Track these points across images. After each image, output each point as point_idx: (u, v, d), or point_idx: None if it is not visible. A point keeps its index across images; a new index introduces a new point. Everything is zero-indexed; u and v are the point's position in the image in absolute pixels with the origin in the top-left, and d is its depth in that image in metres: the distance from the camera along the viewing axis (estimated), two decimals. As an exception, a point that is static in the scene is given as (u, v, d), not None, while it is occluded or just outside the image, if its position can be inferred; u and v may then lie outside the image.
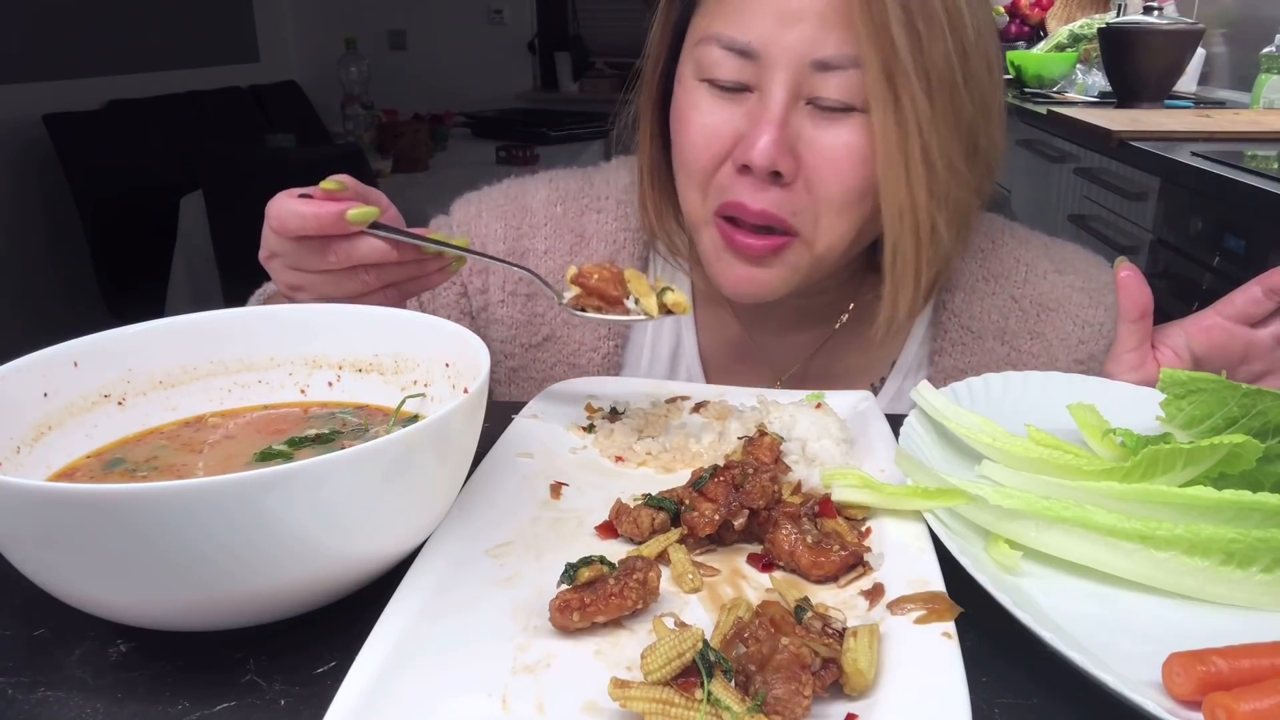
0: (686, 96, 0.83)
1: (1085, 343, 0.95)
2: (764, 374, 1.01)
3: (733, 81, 0.79)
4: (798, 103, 0.78)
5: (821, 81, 0.77)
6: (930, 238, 0.80)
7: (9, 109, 3.94)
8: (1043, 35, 3.81)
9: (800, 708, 0.45)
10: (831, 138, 0.78)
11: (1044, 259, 0.97)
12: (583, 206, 1.00)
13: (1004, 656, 0.52)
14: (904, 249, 0.80)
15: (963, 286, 0.95)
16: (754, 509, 0.62)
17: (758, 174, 0.78)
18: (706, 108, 0.81)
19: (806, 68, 0.76)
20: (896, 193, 0.77)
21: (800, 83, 0.77)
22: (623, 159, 1.02)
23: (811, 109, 0.78)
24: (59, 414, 0.64)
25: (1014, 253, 0.97)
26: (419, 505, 0.57)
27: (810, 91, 0.77)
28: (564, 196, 1.01)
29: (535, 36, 5.90)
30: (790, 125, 0.78)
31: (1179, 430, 0.69)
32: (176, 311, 0.72)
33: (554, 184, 1.02)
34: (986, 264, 0.96)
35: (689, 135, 0.82)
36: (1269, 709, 0.44)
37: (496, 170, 3.55)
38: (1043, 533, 0.58)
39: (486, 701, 0.47)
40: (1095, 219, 2.45)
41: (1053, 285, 0.95)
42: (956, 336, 0.95)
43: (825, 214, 0.80)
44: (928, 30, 0.74)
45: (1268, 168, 1.82)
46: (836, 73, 0.76)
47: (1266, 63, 2.61)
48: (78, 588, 0.50)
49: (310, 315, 0.73)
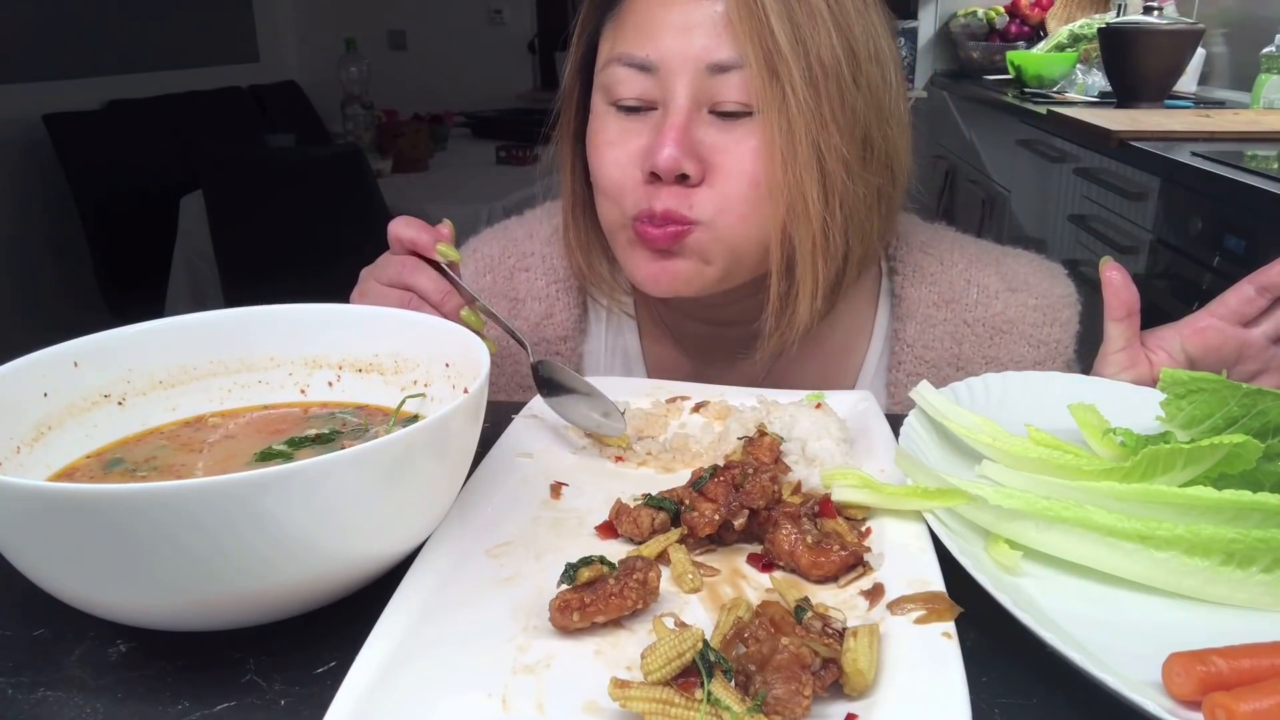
0: (598, 123, 0.86)
1: (1041, 363, 0.95)
2: None
3: (637, 99, 0.83)
4: (700, 110, 0.81)
5: (719, 85, 0.80)
6: (823, 235, 0.81)
7: (9, 109, 3.94)
8: (1043, 35, 3.81)
9: (800, 708, 0.45)
10: (731, 139, 0.81)
11: (995, 278, 0.97)
12: (509, 269, 1.02)
13: (1004, 656, 0.52)
14: (801, 241, 0.81)
15: (915, 316, 0.96)
16: (754, 509, 0.62)
17: (665, 178, 0.80)
18: (616, 129, 0.84)
19: (703, 73, 0.80)
20: (786, 187, 0.79)
21: (700, 89, 0.80)
22: (543, 206, 1.05)
23: (713, 116, 0.81)
24: (59, 414, 0.64)
25: (964, 274, 0.96)
26: (419, 505, 0.57)
27: (710, 97, 0.80)
28: (490, 266, 1.02)
29: (535, 36, 5.90)
30: (694, 133, 0.81)
31: (1179, 430, 0.69)
32: (176, 311, 0.72)
33: (476, 257, 1.03)
34: (937, 288, 0.96)
35: (602, 158, 0.85)
36: (1269, 709, 0.44)
37: (496, 170, 3.55)
38: (1043, 533, 0.58)
39: (486, 701, 0.47)
40: (1095, 219, 2.45)
41: (1005, 305, 0.95)
42: (912, 368, 0.95)
43: (729, 206, 0.81)
44: (809, 24, 0.77)
45: (1268, 168, 1.82)
46: (731, 74, 0.79)
47: (1266, 63, 2.61)
48: (78, 588, 0.50)
49: (310, 315, 0.73)
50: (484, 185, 3.30)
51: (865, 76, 0.81)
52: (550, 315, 1.00)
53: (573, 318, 1.00)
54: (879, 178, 0.84)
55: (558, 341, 1.00)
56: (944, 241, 1.00)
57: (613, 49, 0.85)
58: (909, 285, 0.96)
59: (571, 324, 1.00)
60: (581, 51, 0.91)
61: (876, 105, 0.82)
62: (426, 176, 3.53)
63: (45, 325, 1.92)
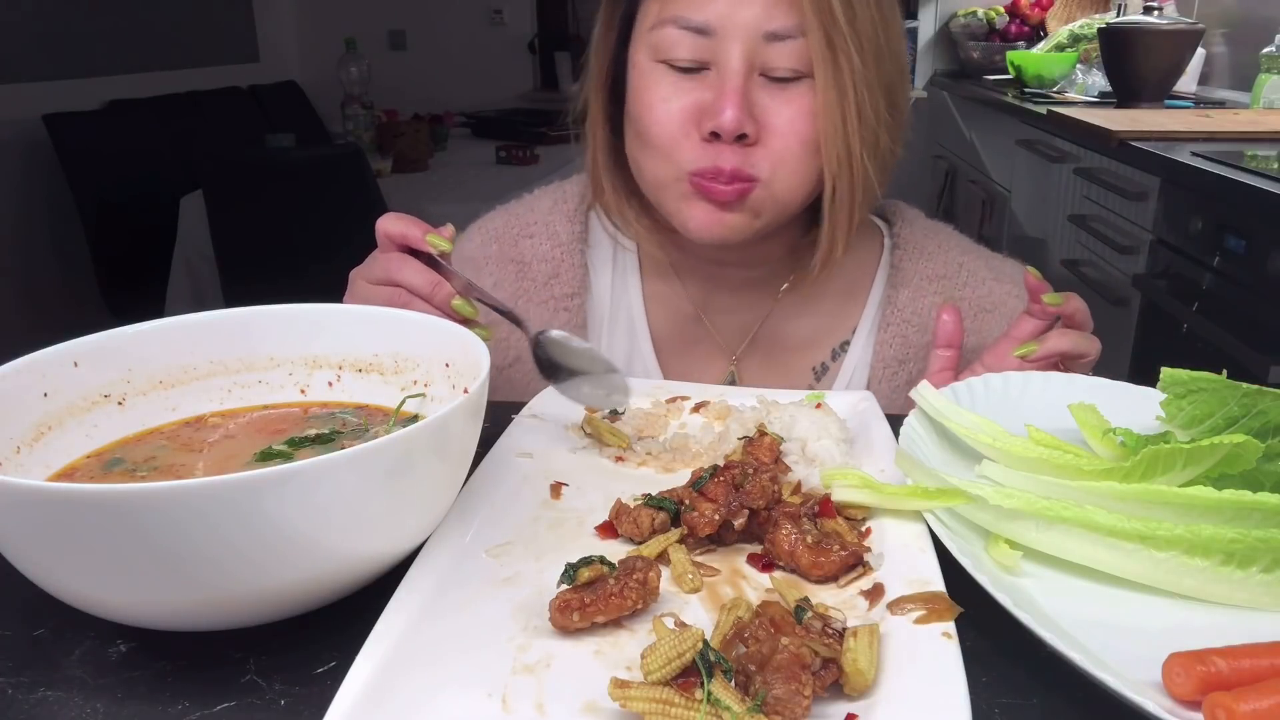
0: (644, 79, 0.90)
1: None
2: (714, 347, 1.07)
3: (690, 60, 0.87)
4: (752, 74, 0.87)
5: (772, 52, 0.86)
6: (863, 180, 0.90)
7: (9, 109, 3.94)
8: (1043, 35, 3.81)
9: (800, 708, 0.45)
10: (784, 103, 0.87)
11: (984, 268, 1.06)
12: (515, 236, 1.08)
13: (1004, 656, 0.52)
14: (841, 193, 0.90)
15: (909, 285, 1.04)
16: (754, 509, 0.62)
17: (726, 138, 0.86)
18: (667, 86, 0.89)
19: (758, 40, 0.85)
20: (836, 144, 0.87)
21: (753, 54, 0.86)
22: (542, 188, 1.13)
23: (764, 80, 0.87)
24: (59, 414, 0.64)
25: (958, 259, 1.06)
26: (419, 505, 0.57)
27: (763, 62, 0.86)
28: (495, 235, 1.09)
29: (535, 36, 5.90)
30: (748, 95, 0.86)
31: (1179, 430, 0.69)
32: (176, 311, 0.72)
33: (482, 229, 1.11)
34: (932, 264, 1.05)
35: (653, 113, 0.89)
36: (1269, 709, 0.44)
37: (496, 170, 3.55)
38: (1043, 533, 0.58)
39: (486, 701, 0.47)
40: (1095, 219, 2.45)
41: (990, 290, 1.04)
42: (899, 330, 1.03)
43: (783, 166, 0.89)
44: (860, 1, 0.85)
45: (1268, 168, 1.82)
46: (785, 42, 0.86)
47: (1266, 63, 2.61)
48: (78, 588, 0.50)
49: (310, 315, 0.73)
50: (484, 185, 3.30)
51: (893, 43, 0.90)
52: (556, 275, 1.06)
53: (577, 276, 1.06)
54: (901, 128, 0.95)
55: (564, 299, 1.05)
56: (942, 232, 1.10)
57: (663, 10, 0.88)
58: (907, 259, 1.05)
59: (577, 282, 1.06)
60: (624, 6, 0.95)
61: (900, 67, 0.92)
62: (426, 176, 3.53)
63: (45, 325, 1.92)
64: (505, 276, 1.06)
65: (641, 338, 1.07)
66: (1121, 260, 2.26)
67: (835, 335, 1.07)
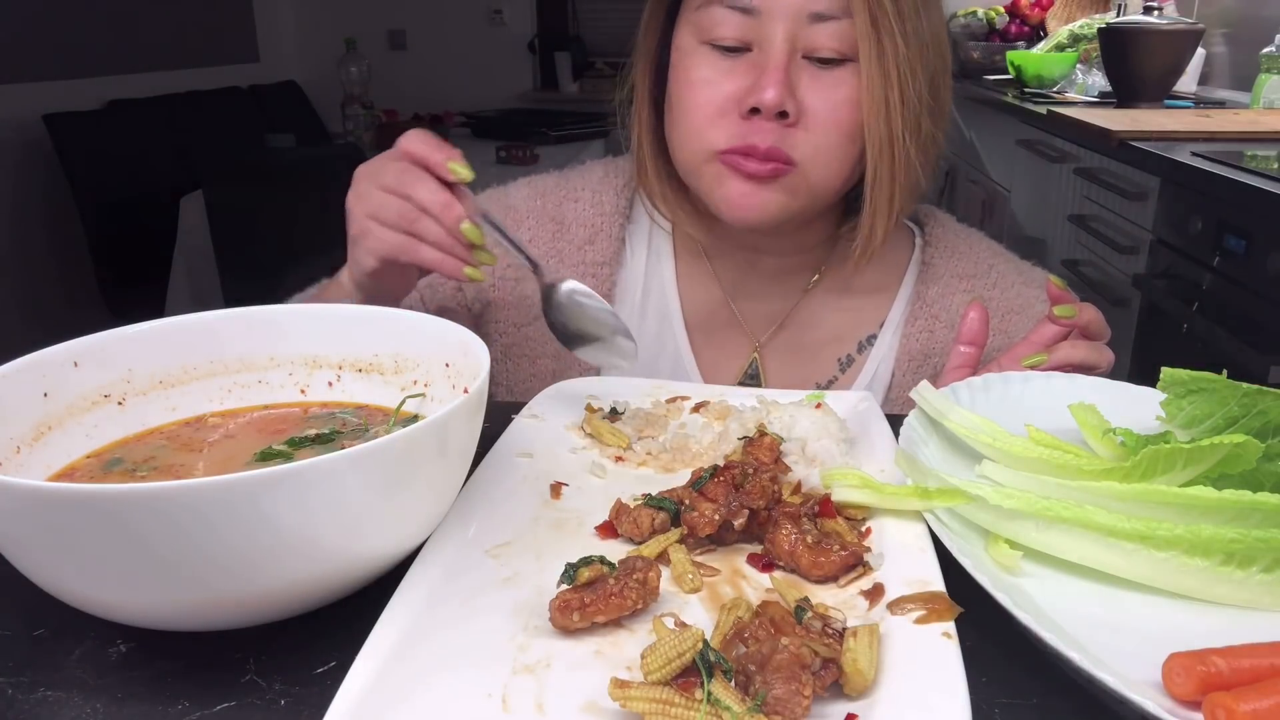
0: (688, 59, 0.91)
1: None
2: (740, 333, 1.07)
3: (735, 40, 0.88)
4: (795, 55, 0.87)
5: (815, 33, 0.86)
6: (905, 166, 0.91)
7: (9, 109, 3.94)
8: (1043, 35, 3.81)
9: (800, 708, 0.45)
10: (827, 85, 0.88)
11: (1013, 271, 1.07)
12: (560, 198, 1.09)
13: (1004, 656, 0.52)
14: (882, 176, 0.91)
15: (939, 281, 1.05)
16: (754, 509, 0.62)
17: (766, 115, 0.86)
18: (709, 67, 0.90)
19: (803, 20, 0.86)
20: (879, 127, 0.88)
21: (797, 35, 0.86)
22: (595, 160, 1.14)
23: (807, 62, 0.88)
24: (59, 414, 0.64)
25: (988, 260, 1.07)
26: (419, 505, 0.57)
27: (806, 43, 0.87)
28: (542, 191, 1.10)
29: (535, 36, 5.89)
30: (791, 74, 0.87)
31: (1179, 430, 0.69)
32: (176, 311, 0.72)
33: (532, 184, 1.12)
34: (963, 263, 1.06)
35: (694, 91, 0.90)
36: (1269, 709, 0.44)
37: (496, 170, 3.55)
38: (1043, 533, 0.58)
39: (486, 701, 0.47)
40: (1095, 219, 2.45)
41: (1019, 293, 1.05)
42: (925, 324, 1.04)
43: (821, 152, 0.89)
44: None
45: (1268, 168, 1.82)
46: (829, 23, 0.86)
47: (1266, 63, 2.61)
48: (78, 588, 0.50)
49: (310, 315, 0.73)
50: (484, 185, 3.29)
51: (935, 30, 0.91)
52: (593, 241, 1.07)
53: (613, 247, 1.07)
54: (943, 114, 0.96)
55: (596, 266, 1.06)
56: (974, 235, 1.11)
57: None
58: (939, 256, 1.06)
59: (611, 252, 1.07)
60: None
61: (941, 54, 0.93)
62: (426, 176, 3.52)
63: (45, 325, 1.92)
64: (542, 234, 1.07)
65: (675, 320, 1.07)
66: (1121, 260, 2.26)
67: (863, 328, 1.07)
